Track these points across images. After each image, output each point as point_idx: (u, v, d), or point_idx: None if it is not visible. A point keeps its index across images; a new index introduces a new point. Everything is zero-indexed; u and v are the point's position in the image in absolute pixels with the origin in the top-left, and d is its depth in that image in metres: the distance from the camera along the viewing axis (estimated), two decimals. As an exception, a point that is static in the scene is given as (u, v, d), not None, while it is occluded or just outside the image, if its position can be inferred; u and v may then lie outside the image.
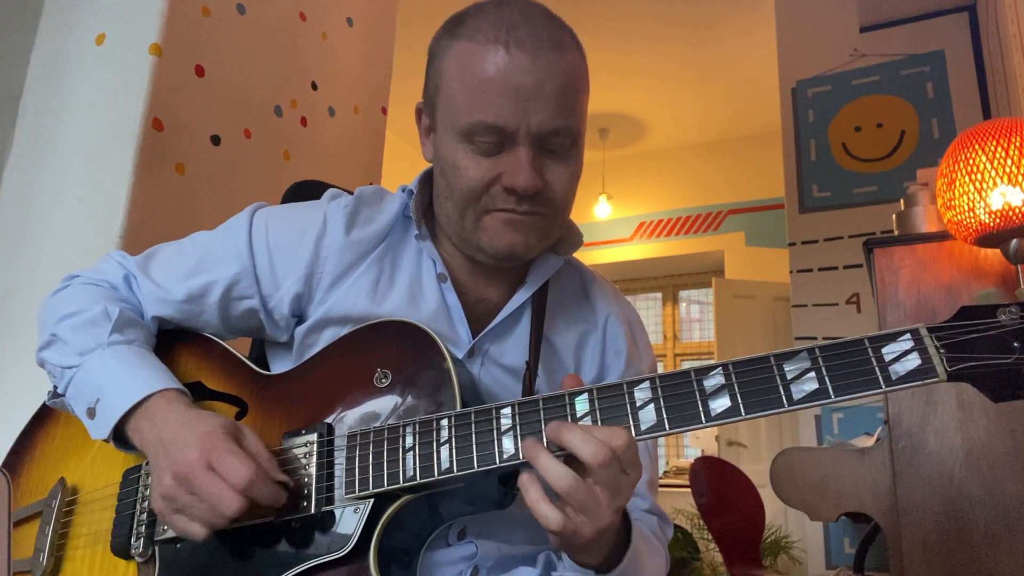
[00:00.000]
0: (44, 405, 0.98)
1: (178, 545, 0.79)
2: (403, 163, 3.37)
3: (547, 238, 0.87)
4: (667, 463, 5.61)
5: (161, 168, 1.60)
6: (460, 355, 0.88)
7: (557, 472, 0.65)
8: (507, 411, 0.71)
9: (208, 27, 1.73)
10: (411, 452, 0.72)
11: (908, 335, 0.64)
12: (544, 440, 0.68)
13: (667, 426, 0.67)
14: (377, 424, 0.76)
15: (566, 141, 0.82)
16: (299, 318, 0.91)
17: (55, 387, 0.90)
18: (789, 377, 0.65)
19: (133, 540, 0.81)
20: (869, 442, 1.77)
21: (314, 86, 2.05)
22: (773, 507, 3.05)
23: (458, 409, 0.73)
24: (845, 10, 3.56)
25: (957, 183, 1.56)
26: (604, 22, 4.33)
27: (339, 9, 2.18)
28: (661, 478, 4.95)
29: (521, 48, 0.78)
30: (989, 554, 1.50)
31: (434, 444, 0.72)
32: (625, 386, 0.69)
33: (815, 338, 3.33)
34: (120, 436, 0.82)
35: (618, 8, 4.21)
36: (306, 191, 1.16)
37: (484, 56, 0.78)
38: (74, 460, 0.92)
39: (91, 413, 0.82)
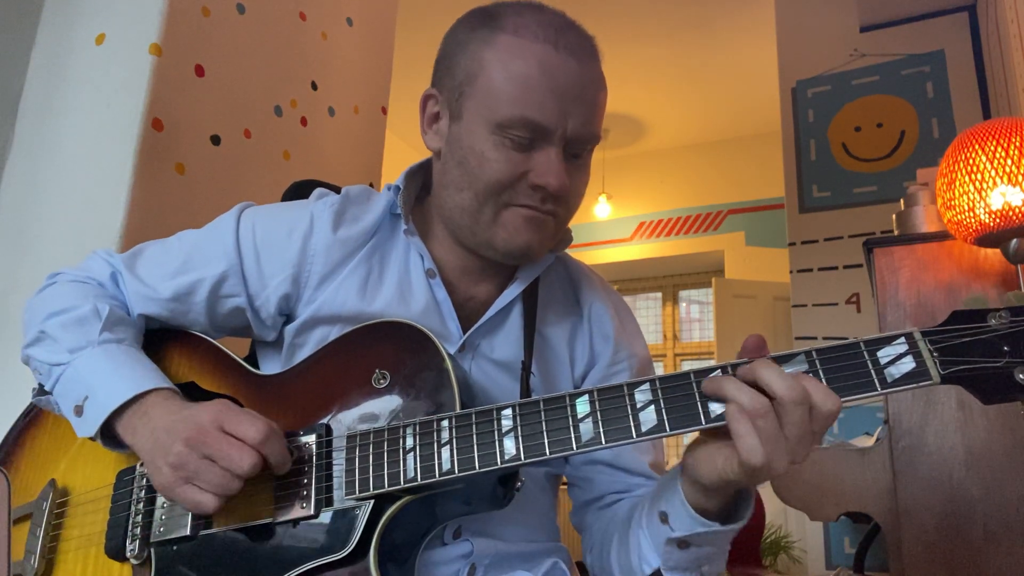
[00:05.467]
0: (32, 404, 0.97)
1: (175, 547, 0.78)
2: (403, 163, 3.36)
3: (552, 241, 0.89)
4: (667, 464, 5.60)
5: (161, 168, 1.59)
6: (451, 351, 0.88)
7: (750, 394, 0.63)
8: (508, 412, 0.71)
9: (208, 27, 1.72)
10: (412, 453, 0.72)
11: (903, 339, 0.64)
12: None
13: (667, 427, 0.66)
14: (376, 425, 0.76)
15: (588, 149, 0.85)
16: (287, 317, 0.91)
17: (40, 384, 0.90)
18: None
19: (128, 542, 0.81)
20: (869, 442, 1.77)
21: (314, 86, 2.05)
22: (773, 507, 3.05)
23: (457, 410, 0.73)
24: (845, 10, 3.56)
25: (957, 183, 1.56)
26: (604, 21, 4.33)
27: (339, 9, 2.18)
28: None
29: (571, 52, 0.80)
30: (989, 554, 1.50)
31: (435, 445, 0.72)
32: (626, 387, 0.69)
33: (815, 338, 3.33)
34: (109, 434, 0.81)
35: (618, 7, 4.21)
36: (306, 191, 1.15)
37: (534, 53, 0.80)
38: (64, 461, 0.91)
39: (78, 411, 0.82)
